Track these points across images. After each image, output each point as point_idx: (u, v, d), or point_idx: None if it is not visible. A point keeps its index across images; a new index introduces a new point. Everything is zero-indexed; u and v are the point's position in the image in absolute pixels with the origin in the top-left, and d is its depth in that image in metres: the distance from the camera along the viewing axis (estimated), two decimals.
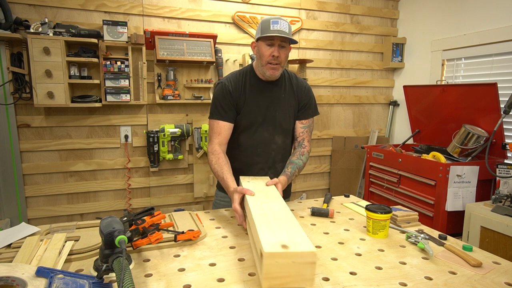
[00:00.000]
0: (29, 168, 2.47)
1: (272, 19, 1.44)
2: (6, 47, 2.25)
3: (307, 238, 0.88)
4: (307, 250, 0.82)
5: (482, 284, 0.91)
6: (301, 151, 1.58)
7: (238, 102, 1.54)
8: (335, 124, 3.44)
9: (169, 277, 0.91)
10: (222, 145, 1.52)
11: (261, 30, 1.45)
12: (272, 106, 1.56)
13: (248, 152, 1.59)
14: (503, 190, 1.98)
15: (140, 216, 1.10)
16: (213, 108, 1.55)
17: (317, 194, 3.44)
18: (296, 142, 1.64)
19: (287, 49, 1.48)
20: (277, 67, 1.47)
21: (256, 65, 1.56)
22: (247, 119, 1.55)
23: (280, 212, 1.06)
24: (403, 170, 2.54)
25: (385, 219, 1.20)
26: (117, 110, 2.65)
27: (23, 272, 0.73)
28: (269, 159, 1.60)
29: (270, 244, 0.83)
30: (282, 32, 1.41)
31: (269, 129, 1.57)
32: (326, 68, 3.30)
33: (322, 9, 3.18)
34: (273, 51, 1.43)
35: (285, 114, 1.58)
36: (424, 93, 2.78)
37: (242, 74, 1.58)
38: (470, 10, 2.73)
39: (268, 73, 1.49)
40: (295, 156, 1.56)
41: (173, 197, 2.90)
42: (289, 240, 0.85)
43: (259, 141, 1.57)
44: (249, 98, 1.55)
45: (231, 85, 1.54)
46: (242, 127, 1.57)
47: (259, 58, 1.50)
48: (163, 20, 2.70)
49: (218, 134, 1.52)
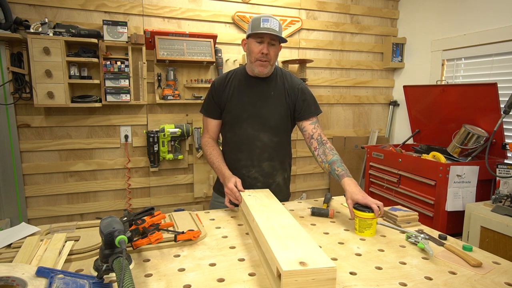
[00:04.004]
0: (29, 168, 2.47)
1: (263, 17, 1.44)
2: (6, 47, 2.25)
3: (324, 253, 0.86)
4: (326, 266, 0.79)
5: (482, 284, 0.91)
6: (329, 147, 1.49)
7: (221, 97, 1.59)
8: (335, 124, 3.44)
9: (169, 277, 0.91)
10: (213, 139, 1.64)
11: (252, 28, 1.46)
12: (259, 102, 1.56)
13: (232, 148, 1.62)
14: (503, 190, 1.98)
15: (140, 216, 1.10)
16: (204, 104, 1.67)
17: (317, 194, 3.44)
18: (314, 141, 1.54)
19: (276, 47, 1.50)
20: (266, 64, 1.49)
21: (247, 62, 1.57)
22: (231, 115, 1.58)
23: (290, 226, 1.03)
24: (403, 170, 2.54)
25: (371, 218, 1.20)
26: (117, 110, 2.65)
27: (23, 272, 0.73)
28: (253, 156, 1.58)
29: (288, 262, 0.80)
30: (272, 30, 1.42)
31: (254, 125, 1.56)
32: (326, 68, 3.30)
33: (322, 9, 3.18)
34: (263, 48, 1.45)
35: (273, 111, 1.56)
36: (424, 93, 2.78)
37: (233, 72, 1.63)
38: (470, 10, 2.72)
39: (256, 70, 1.50)
40: (328, 155, 1.46)
41: (173, 197, 2.90)
42: (307, 257, 0.83)
43: (242, 137, 1.58)
44: (234, 94, 1.57)
45: (218, 83, 1.61)
46: (227, 122, 1.61)
47: (249, 54, 1.52)
48: (163, 20, 2.70)
49: (207, 130, 1.65)
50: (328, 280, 0.80)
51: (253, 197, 1.31)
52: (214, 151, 1.57)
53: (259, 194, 1.36)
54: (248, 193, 1.37)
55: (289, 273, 0.77)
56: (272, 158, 1.59)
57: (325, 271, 0.79)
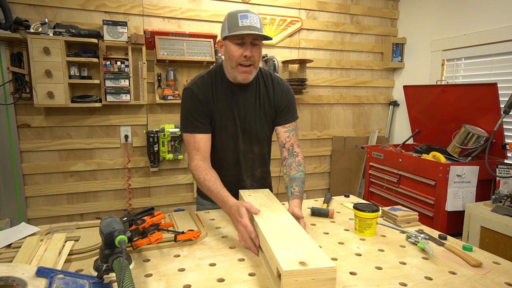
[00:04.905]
0: (29, 168, 2.47)
1: (240, 13, 1.23)
2: (6, 47, 2.25)
3: (323, 253, 0.85)
4: (326, 266, 0.79)
5: (482, 284, 0.91)
6: (297, 162, 1.40)
7: (209, 107, 1.35)
8: (335, 124, 3.44)
9: (169, 277, 0.91)
10: (205, 160, 1.34)
11: (229, 27, 1.23)
12: (248, 116, 1.40)
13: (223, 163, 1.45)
14: (503, 190, 1.98)
15: (140, 216, 1.10)
16: (185, 120, 1.35)
17: (317, 194, 3.44)
18: (284, 150, 1.44)
19: (260, 47, 1.29)
20: (250, 69, 1.29)
21: (226, 67, 1.35)
22: (221, 131, 1.39)
23: (290, 226, 1.02)
24: (403, 170, 2.54)
25: (371, 218, 1.20)
26: (117, 110, 2.65)
27: (23, 272, 0.73)
28: (247, 168, 1.49)
29: (288, 262, 0.80)
30: (253, 28, 1.21)
31: (246, 140, 1.43)
32: (326, 68, 3.30)
33: (322, 9, 3.18)
34: (245, 50, 1.24)
35: (262, 122, 1.43)
36: (424, 93, 2.78)
37: (211, 77, 1.38)
38: (470, 10, 2.72)
39: (240, 77, 1.30)
40: (292, 170, 1.37)
41: (173, 197, 2.90)
42: (306, 257, 0.83)
43: (236, 154, 1.44)
44: (219, 107, 1.36)
45: (200, 92, 1.34)
46: (216, 139, 1.40)
47: (228, 59, 1.29)
48: (163, 20, 2.70)
49: (198, 150, 1.34)
50: (328, 280, 0.80)
51: (253, 197, 1.31)
52: (208, 175, 1.28)
53: (259, 194, 1.35)
54: (248, 193, 1.36)
55: (289, 273, 0.77)
56: (263, 164, 1.54)
57: (325, 271, 0.79)
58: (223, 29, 1.28)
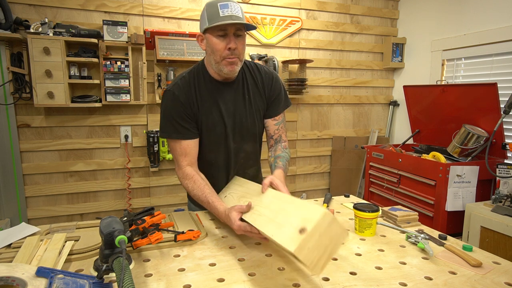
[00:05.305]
0: (29, 168, 2.47)
1: (220, 2, 1.14)
2: (6, 47, 2.26)
3: (309, 203, 0.84)
4: (319, 217, 0.78)
5: (482, 284, 0.91)
6: (283, 145, 1.40)
7: (193, 110, 1.28)
8: (335, 124, 3.44)
9: (169, 277, 0.91)
10: (193, 166, 1.29)
11: (208, 19, 1.15)
12: (238, 113, 1.33)
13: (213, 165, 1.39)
14: (503, 190, 1.98)
15: (140, 216, 1.09)
16: (168, 125, 1.27)
17: (317, 194, 3.44)
18: (271, 140, 1.43)
19: (243, 38, 1.21)
20: (235, 61, 1.21)
21: (209, 62, 1.27)
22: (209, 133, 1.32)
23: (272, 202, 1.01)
24: (403, 170, 2.54)
25: (371, 218, 1.20)
26: (117, 110, 2.65)
27: (23, 272, 0.73)
28: (238, 167, 1.43)
29: (290, 239, 0.79)
30: (235, 17, 1.13)
31: (235, 138, 1.36)
32: (326, 68, 3.30)
33: (322, 9, 3.18)
34: (228, 42, 1.17)
35: (253, 118, 1.37)
36: (424, 93, 2.78)
37: (193, 76, 1.30)
38: (470, 10, 2.73)
39: (226, 70, 1.21)
40: (278, 150, 1.37)
41: (173, 197, 2.90)
42: (301, 220, 0.81)
43: (227, 154, 1.37)
44: (205, 107, 1.29)
45: (181, 93, 1.26)
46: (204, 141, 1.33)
47: (211, 53, 1.21)
48: (163, 20, 2.70)
49: (184, 156, 1.28)
50: (331, 224, 0.79)
51: (230, 195, 1.29)
52: (197, 182, 1.24)
53: (233, 188, 1.32)
54: (223, 195, 1.34)
55: (298, 248, 0.76)
56: (255, 162, 1.50)
57: (322, 221, 0.78)
58: (202, 21, 1.20)
